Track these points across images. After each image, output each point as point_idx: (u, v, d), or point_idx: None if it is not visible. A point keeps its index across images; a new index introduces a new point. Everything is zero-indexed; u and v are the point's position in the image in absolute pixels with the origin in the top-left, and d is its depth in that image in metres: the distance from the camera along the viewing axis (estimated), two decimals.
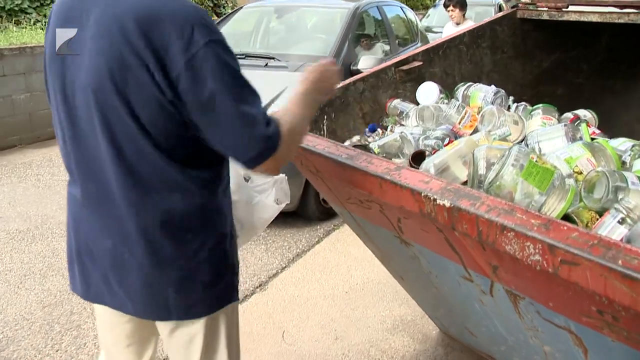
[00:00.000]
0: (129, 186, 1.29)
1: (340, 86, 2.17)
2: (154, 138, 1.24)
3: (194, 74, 1.17)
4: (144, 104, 1.20)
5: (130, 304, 1.40)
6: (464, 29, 2.59)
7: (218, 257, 1.41)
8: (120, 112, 1.22)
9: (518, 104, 2.05)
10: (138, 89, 1.19)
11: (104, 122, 1.24)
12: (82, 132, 1.30)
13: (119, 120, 1.23)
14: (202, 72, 1.17)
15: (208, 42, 1.18)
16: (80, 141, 1.32)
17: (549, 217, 1.08)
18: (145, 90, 1.19)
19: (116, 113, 1.23)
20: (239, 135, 1.21)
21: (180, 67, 1.16)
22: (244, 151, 1.23)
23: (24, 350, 2.80)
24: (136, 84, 1.19)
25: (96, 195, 1.35)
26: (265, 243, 4.05)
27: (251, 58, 4.83)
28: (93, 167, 1.32)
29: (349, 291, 3.36)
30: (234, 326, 1.57)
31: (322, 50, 4.84)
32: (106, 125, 1.24)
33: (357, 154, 1.55)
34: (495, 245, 1.15)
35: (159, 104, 1.20)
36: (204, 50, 1.17)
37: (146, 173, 1.28)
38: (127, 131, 1.24)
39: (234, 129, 1.21)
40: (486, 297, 1.70)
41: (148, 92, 1.19)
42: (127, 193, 1.29)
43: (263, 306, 3.22)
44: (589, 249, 0.98)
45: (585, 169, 1.33)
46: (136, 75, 1.18)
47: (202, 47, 1.17)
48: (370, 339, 2.87)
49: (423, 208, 1.30)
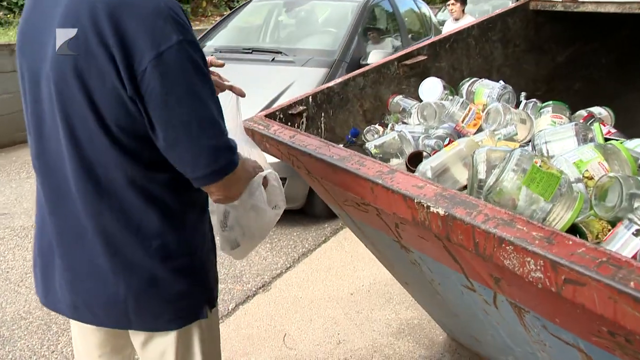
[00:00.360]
0: (87, 185, 1.21)
1: (339, 82, 2.06)
2: (115, 136, 1.16)
3: (161, 71, 1.08)
4: (105, 97, 1.12)
5: (88, 312, 1.32)
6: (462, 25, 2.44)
7: (186, 269, 1.31)
8: (80, 104, 1.14)
9: (528, 100, 1.92)
10: (100, 81, 1.11)
11: (64, 114, 1.17)
12: (45, 125, 1.23)
13: (79, 114, 1.15)
14: (170, 71, 1.09)
15: (180, 40, 1.10)
16: (42, 135, 1.25)
17: (553, 229, 0.97)
18: (107, 82, 1.10)
19: (77, 105, 1.14)
20: (200, 144, 1.13)
21: (146, 62, 1.07)
22: (203, 163, 1.15)
23: (19, 351, 2.74)
24: (99, 75, 1.10)
25: (56, 193, 1.27)
26: (271, 242, 3.95)
27: (258, 52, 4.73)
28: (54, 163, 1.24)
29: (354, 293, 3.26)
30: (212, 342, 1.48)
31: (330, 44, 4.72)
32: (66, 118, 1.17)
33: (349, 155, 1.44)
34: (493, 259, 1.04)
35: (120, 99, 1.11)
36: (176, 49, 1.09)
37: (105, 172, 1.20)
38: (87, 126, 1.16)
39: (196, 137, 1.12)
40: (490, 307, 1.59)
41: (109, 85, 1.10)
42: (85, 192, 1.21)
43: (265, 307, 3.13)
44: (596, 268, 0.87)
45: (596, 174, 1.20)
46: (100, 65, 1.10)
47: (173, 44, 1.09)
48: (374, 343, 2.77)
49: (416, 215, 1.19)
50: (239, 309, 3.13)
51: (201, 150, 1.14)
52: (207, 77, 1.17)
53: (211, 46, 5.19)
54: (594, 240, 1.10)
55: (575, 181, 1.22)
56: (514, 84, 2.55)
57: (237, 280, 3.41)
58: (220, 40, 5.35)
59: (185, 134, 1.12)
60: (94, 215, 1.23)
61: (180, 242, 1.30)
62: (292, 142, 1.62)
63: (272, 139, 1.70)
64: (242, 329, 2.92)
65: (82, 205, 1.23)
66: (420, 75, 2.20)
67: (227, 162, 1.18)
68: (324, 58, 4.47)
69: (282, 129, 1.72)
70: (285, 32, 5.69)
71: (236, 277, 3.46)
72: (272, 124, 1.78)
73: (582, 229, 1.12)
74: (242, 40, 5.34)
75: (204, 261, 1.39)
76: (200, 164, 1.15)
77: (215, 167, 1.16)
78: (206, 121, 1.13)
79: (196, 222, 1.36)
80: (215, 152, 1.15)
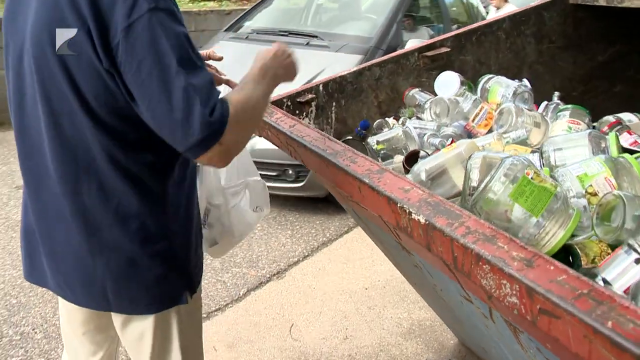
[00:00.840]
0: (65, 164, 1.18)
1: (353, 70, 1.97)
2: (96, 113, 1.12)
3: (131, 42, 1.04)
4: (83, 72, 1.09)
5: (69, 291, 1.31)
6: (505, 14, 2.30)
7: (164, 252, 1.28)
8: (60, 81, 1.11)
9: (550, 102, 1.78)
10: (77, 56, 1.08)
11: (43, 91, 1.14)
12: (26, 103, 1.21)
13: (58, 90, 1.12)
14: (139, 40, 1.04)
15: (153, 8, 1.05)
16: (24, 113, 1.23)
17: (536, 250, 0.86)
18: (84, 57, 1.07)
19: (56, 82, 1.12)
20: (175, 118, 1.05)
21: (119, 33, 1.04)
22: (182, 136, 1.06)
23: (32, 317, 2.79)
24: (75, 49, 1.07)
25: (36, 172, 1.25)
26: (292, 228, 3.91)
27: (294, 36, 4.65)
28: (34, 142, 1.22)
29: (369, 288, 3.18)
30: (192, 328, 1.45)
31: (367, 31, 4.60)
32: (45, 94, 1.14)
33: (343, 150, 1.36)
34: (471, 277, 0.95)
35: (98, 74, 1.08)
36: (147, 17, 1.04)
37: (85, 151, 1.16)
38: (66, 103, 1.13)
39: (171, 110, 1.05)
40: (488, 321, 1.49)
41: (86, 59, 1.07)
42: (64, 171, 1.19)
43: (276, 296, 3.09)
44: (573, 300, 0.76)
45: (601, 190, 1.08)
46: (76, 39, 1.06)
47: (145, 12, 1.04)
48: (382, 342, 2.69)
49: (399, 221, 1.11)
50: (250, 294, 3.10)
51: (176, 124, 1.06)
52: (183, 45, 1.08)
53: (249, 27, 5.14)
54: (588, 264, 0.99)
55: (575, 197, 1.11)
56: (547, 82, 2.41)
57: (253, 266, 3.38)
58: (260, 21, 5.29)
59: (159, 107, 1.06)
60: (73, 195, 1.21)
61: (160, 225, 1.27)
62: (290, 131, 1.54)
63: (273, 127, 1.63)
64: (250, 315, 2.89)
65: (61, 185, 1.22)
66: (442, 68, 2.07)
67: (207, 134, 1.06)
68: (360, 45, 4.35)
69: (285, 117, 1.65)
70: (327, 16, 5.59)
71: (252, 262, 3.43)
72: (277, 111, 1.71)
73: (576, 250, 1.01)
74: (281, 23, 5.26)
75: (185, 246, 1.35)
76: (178, 138, 1.07)
77: (193, 141, 1.06)
78: (178, 93, 1.04)
79: (178, 206, 1.32)
80: (191, 125, 1.05)
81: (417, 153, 1.41)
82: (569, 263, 1.01)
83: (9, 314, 2.81)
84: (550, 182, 1.00)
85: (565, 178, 1.12)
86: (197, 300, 1.45)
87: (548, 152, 1.26)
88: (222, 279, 3.23)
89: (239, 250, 3.56)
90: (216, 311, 2.91)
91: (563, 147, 1.26)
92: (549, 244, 0.99)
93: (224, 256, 3.45)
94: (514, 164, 1.00)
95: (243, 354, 2.58)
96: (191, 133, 1.04)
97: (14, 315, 2.79)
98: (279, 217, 4.07)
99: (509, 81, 1.77)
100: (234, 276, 3.26)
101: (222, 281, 3.20)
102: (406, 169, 1.39)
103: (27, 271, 1.40)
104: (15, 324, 2.73)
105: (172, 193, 1.29)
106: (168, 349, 1.39)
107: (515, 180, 0.98)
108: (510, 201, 0.98)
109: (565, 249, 1.02)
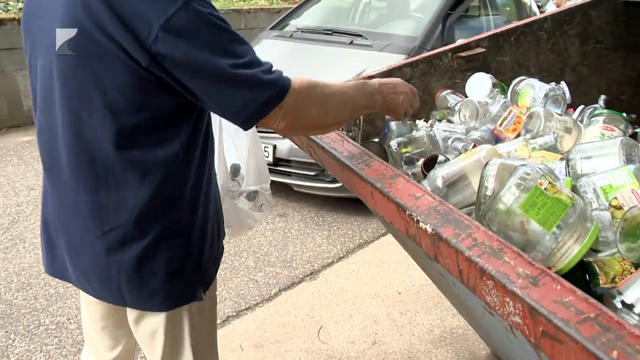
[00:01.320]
0: (82, 161, 1.20)
1: (382, 71, 1.92)
2: (116, 110, 1.13)
3: (175, 36, 1.05)
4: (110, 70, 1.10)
5: (88, 284, 1.33)
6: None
7: (178, 249, 1.28)
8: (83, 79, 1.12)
9: (586, 107, 1.67)
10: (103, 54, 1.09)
11: (63, 88, 1.16)
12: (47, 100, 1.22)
13: (78, 88, 1.14)
14: (183, 33, 1.05)
15: (187, 1, 1.05)
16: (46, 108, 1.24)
17: (544, 267, 0.80)
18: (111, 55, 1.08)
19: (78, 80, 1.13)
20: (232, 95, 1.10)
21: (156, 30, 1.04)
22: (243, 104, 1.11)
23: (68, 308, 2.87)
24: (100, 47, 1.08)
25: (55, 169, 1.27)
26: (329, 229, 3.88)
27: (338, 34, 4.61)
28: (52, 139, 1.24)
29: (402, 292, 3.11)
30: (204, 327, 1.44)
31: (412, 30, 4.51)
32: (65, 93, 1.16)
33: (360, 153, 1.32)
34: (476, 292, 0.89)
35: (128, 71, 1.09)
36: (185, 10, 1.05)
37: (100, 148, 1.17)
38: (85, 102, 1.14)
39: (222, 89, 1.10)
40: (510, 335, 1.42)
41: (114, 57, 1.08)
42: (80, 168, 1.21)
43: (308, 297, 3.06)
44: (577, 325, 0.70)
45: (627, 204, 0.99)
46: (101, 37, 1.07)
47: (181, 6, 1.05)
48: (411, 348, 2.62)
49: (409, 229, 1.06)
50: (281, 294, 3.08)
51: (234, 101, 1.11)
52: (222, 27, 1.11)
53: (294, 25, 5.13)
54: (607, 283, 0.92)
55: (598, 209, 1.02)
56: (592, 85, 2.29)
57: (286, 266, 3.37)
58: (306, 19, 5.28)
59: (211, 95, 1.11)
60: (89, 192, 1.22)
61: (175, 222, 1.27)
62: None
63: None
64: (279, 315, 2.88)
65: (78, 181, 1.23)
66: (477, 70, 1.99)
67: (265, 100, 1.12)
68: (404, 44, 4.27)
69: None
70: (374, 15, 5.53)
71: (286, 262, 3.42)
72: None
73: (594, 268, 0.94)
74: (327, 21, 5.23)
75: (200, 243, 1.35)
76: (236, 112, 1.13)
77: (246, 116, 1.13)
78: (226, 80, 1.09)
79: (193, 203, 1.31)
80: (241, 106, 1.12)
81: (436, 158, 1.35)
82: (586, 282, 0.94)
83: (47, 303, 2.89)
84: (567, 193, 0.93)
85: (588, 189, 1.04)
86: (211, 298, 1.45)
87: (574, 160, 1.18)
88: (255, 277, 3.23)
89: (274, 249, 3.56)
90: (246, 310, 2.91)
91: (591, 155, 1.17)
92: (564, 260, 0.91)
93: (258, 255, 3.47)
94: (527, 173, 0.93)
95: (269, 354, 2.57)
96: (254, 99, 1.10)
97: (51, 305, 2.88)
98: (316, 218, 4.05)
99: (542, 84, 1.68)
100: (267, 275, 3.26)
101: (255, 280, 3.20)
102: (424, 174, 1.33)
103: (48, 264, 1.42)
104: (52, 313, 2.81)
105: (189, 190, 1.28)
106: (180, 347, 1.39)
107: (527, 191, 0.91)
108: (521, 213, 0.91)
109: (583, 267, 0.94)
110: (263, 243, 3.64)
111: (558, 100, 1.57)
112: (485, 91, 1.71)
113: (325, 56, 4.29)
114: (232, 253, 3.47)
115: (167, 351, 1.39)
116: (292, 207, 4.19)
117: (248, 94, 1.10)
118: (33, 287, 3.02)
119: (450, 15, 4.65)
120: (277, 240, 3.69)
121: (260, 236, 3.72)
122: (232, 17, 7.57)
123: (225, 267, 3.30)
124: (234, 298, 3.01)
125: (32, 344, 2.57)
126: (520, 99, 1.66)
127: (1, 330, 2.66)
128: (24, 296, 2.95)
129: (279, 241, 3.68)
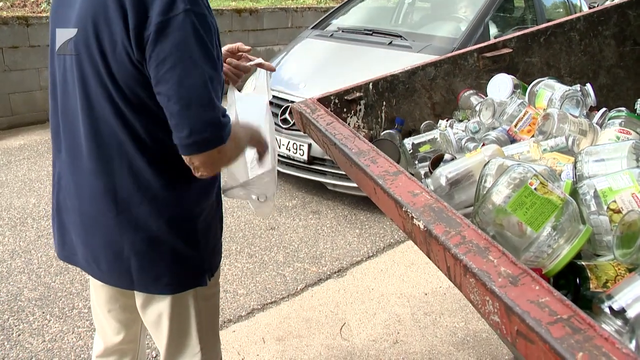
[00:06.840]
0: (98, 145, 1.26)
1: (406, 70, 1.92)
2: (126, 99, 1.19)
3: (162, 37, 1.10)
4: (117, 61, 1.16)
5: (96, 267, 1.38)
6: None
7: (187, 233, 1.34)
8: (97, 66, 1.18)
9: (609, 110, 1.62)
10: (114, 45, 1.15)
11: (80, 74, 1.22)
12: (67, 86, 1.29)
13: (94, 76, 1.20)
14: (170, 38, 1.10)
15: (188, 10, 1.11)
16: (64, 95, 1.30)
17: (526, 268, 0.80)
18: (119, 46, 1.14)
19: (93, 68, 1.19)
20: (188, 113, 1.12)
21: (152, 27, 1.10)
22: (186, 132, 1.13)
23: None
24: (113, 39, 1.14)
25: (72, 151, 1.33)
26: (361, 227, 3.88)
27: (378, 35, 4.60)
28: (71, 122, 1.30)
29: (429, 293, 3.09)
30: (208, 312, 1.50)
31: (453, 32, 4.45)
32: (82, 79, 1.22)
33: (368, 149, 1.33)
34: (462, 289, 0.89)
35: (128, 63, 1.15)
36: (181, 17, 1.10)
37: (114, 134, 1.23)
38: (100, 89, 1.20)
39: (188, 105, 1.12)
40: None
41: (121, 49, 1.14)
42: (97, 152, 1.26)
43: (333, 293, 3.08)
44: (548, 325, 0.70)
45: (625, 208, 0.96)
46: (116, 29, 1.13)
47: (180, 12, 1.10)
48: (432, 350, 2.61)
49: (405, 225, 1.06)
50: (308, 290, 3.11)
51: (187, 120, 1.13)
52: (209, 50, 1.16)
53: (335, 25, 5.15)
54: (599, 287, 0.90)
55: (596, 213, 1.00)
56: (629, 88, 2.22)
57: (315, 262, 3.40)
58: (348, 19, 5.28)
59: (176, 100, 1.13)
60: (104, 175, 1.28)
61: (186, 207, 1.33)
62: (325, 129, 1.53)
63: (312, 124, 1.62)
64: (304, 310, 2.91)
65: (94, 165, 1.28)
66: (504, 70, 1.96)
67: (211, 137, 1.15)
68: (443, 46, 4.22)
69: (325, 115, 1.64)
70: (417, 15, 5.48)
71: (315, 258, 3.44)
72: (319, 108, 1.70)
73: (586, 272, 0.92)
74: (369, 21, 5.22)
75: (207, 229, 1.40)
76: (184, 132, 1.14)
77: (198, 138, 1.14)
78: (197, 92, 1.12)
79: (203, 188, 1.37)
80: (202, 124, 1.14)
81: (441, 157, 1.35)
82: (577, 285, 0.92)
83: (82, 288, 3.01)
84: (558, 194, 0.92)
85: (588, 191, 1.02)
86: (215, 284, 1.50)
87: (582, 162, 1.15)
88: (283, 272, 3.27)
89: (304, 245, 3.59)
90: (271, 303, 2.96)
91: (600, 158, 1.14)
92: (554, 261, 0.90)
93: (288, 251, 3.51)
94: (518, 173, 0.93)
95: (290, 348, 2.60)
96: (203, 130, 1.13)
97: (85, 290, 2.99)
98: (349, 216, 4.06)
99: (562, 85, 1.64)
100: (295, 271, 3.29)
101: (283, 275, 3.24)
102: (431, 173, 1.33)
103: (59, 248, 1.48)
104: (86, 297, 2.92)
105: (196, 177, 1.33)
106: (186, 330, 1.44)
107: (517, 190, 0.90)
108: (510, 212, 0.90)
109: (575, 270, 0.93)
110: (294, 239, 3.67)
111: (577, 102, 1.53)
112: (506, 92, 1.69)
113: (363, 56, 4.29)
114: (262, 248, 3.52)
115: (173, 334, 1.44)
116: (325, 204, 4.21)
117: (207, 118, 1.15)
118: (70, 271, 3.15)
119: (493, 17, 4.57)
120: (308, 237, 3.72)
121: (292, 232, 3.76)
122: (279, 15, 7.63)
123: (255, 261, 3.36)
124: (260, 291, 3.05)
125: (65, 325, 2.69)
126: (537, 100, 1.63)
127: (39, 310, 2.79)
128: (62, 280, 3.07)
129: (310, 237, 3.71)
